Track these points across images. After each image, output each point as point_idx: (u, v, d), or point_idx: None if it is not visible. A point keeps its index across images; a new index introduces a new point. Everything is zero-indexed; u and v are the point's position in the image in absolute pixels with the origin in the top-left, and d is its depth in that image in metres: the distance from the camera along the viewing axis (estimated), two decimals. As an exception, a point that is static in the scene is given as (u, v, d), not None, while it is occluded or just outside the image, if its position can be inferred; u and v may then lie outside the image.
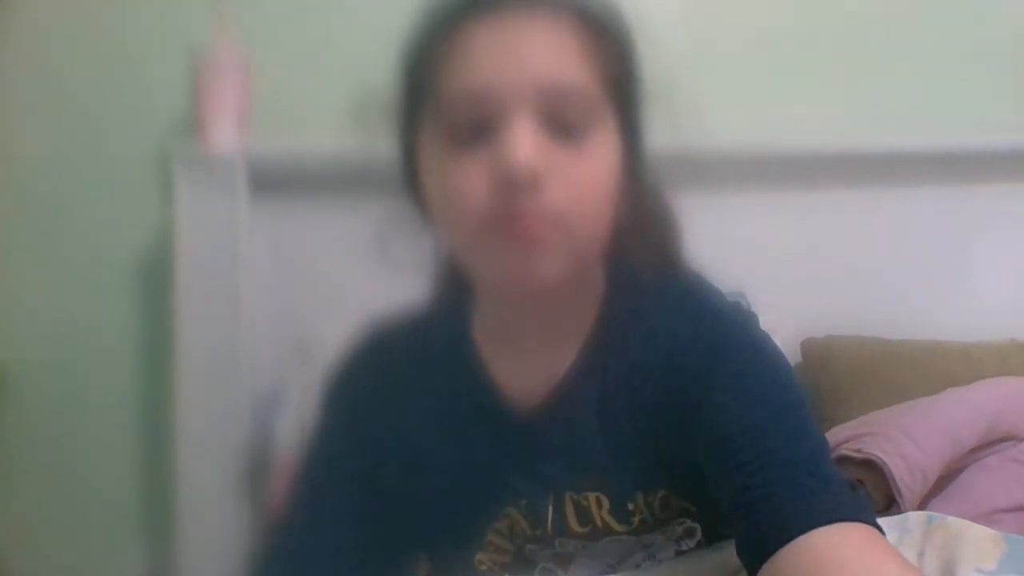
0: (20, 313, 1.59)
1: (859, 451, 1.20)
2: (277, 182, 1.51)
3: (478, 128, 0.62)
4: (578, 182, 0.63)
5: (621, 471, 0.72)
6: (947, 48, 1.84)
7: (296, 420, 1.36)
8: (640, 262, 0.74)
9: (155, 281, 1.57)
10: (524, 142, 0.60)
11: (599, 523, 0.74)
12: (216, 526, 1.41)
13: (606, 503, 0.73)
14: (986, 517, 1.09)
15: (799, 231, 1.70)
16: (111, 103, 1.59)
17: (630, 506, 0.73)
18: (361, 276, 1.45)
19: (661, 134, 0.72)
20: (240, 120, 1.49)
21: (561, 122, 0.63)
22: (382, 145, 0.73)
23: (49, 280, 1.59)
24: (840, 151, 1.70)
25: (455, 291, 0.78)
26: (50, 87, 1.59)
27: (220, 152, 1.47)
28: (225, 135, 1.47)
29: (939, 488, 1.22)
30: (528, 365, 0.74)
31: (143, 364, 1.60)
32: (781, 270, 1.63)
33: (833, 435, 1.32)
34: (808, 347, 1.65)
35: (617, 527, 0.74)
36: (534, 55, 0.62)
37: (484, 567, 0.77)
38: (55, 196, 1.59)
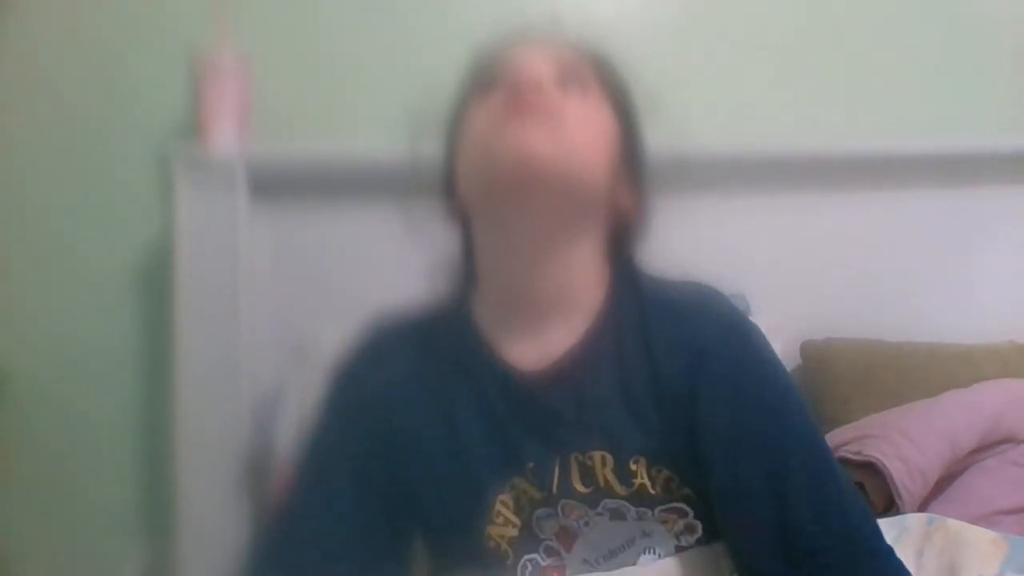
0: (20, 316, 1.59)
1: (859, 453, 1.20)
2: (277, 184, 1.51)
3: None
4: (575, 110, 0.75)
5: (629, 432, 0.76)
6: (947, 50, 1.84)
7: (296, 422, 1.36)
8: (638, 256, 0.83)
9: (155, 283, 1.57)
10: (536, 60, 0.75)
11: (601, 482, 0.76)
12: (216, 527, 1.41)
13: (610, 461, 0.76)
14: (986, 519, 1.09)
15: (798, 233, 1.70)
16: (111, 105, 1.59)
17: (632, 466, 0.76)
18: (360, 278, 1.46)
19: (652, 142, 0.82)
20: (240, 122, 1.49)
21: (566, 77, 0.76)
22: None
23: (49, 283, 1.59)
24: (840, 154, 1.70)
25: (460, 281, 0.84)
26: (49, 89, 1.59)
27: (220, 154, 1.46)
28: (225, 137, 1.47)
29: (939, 490, 1.22)
30: (532, 341, 0.79)
31: (143, 367, 1.60)
32: (780, 272, 1.63)
33: (833, 437, 1.32)
34: (807, 349, 1.65)
35: (618, 488, 0.76)
36: (550, 39, 0.80)
37: (492, 542, 0.78)
38: (55, 199, 1.59)
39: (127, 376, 1.60)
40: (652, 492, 0.76)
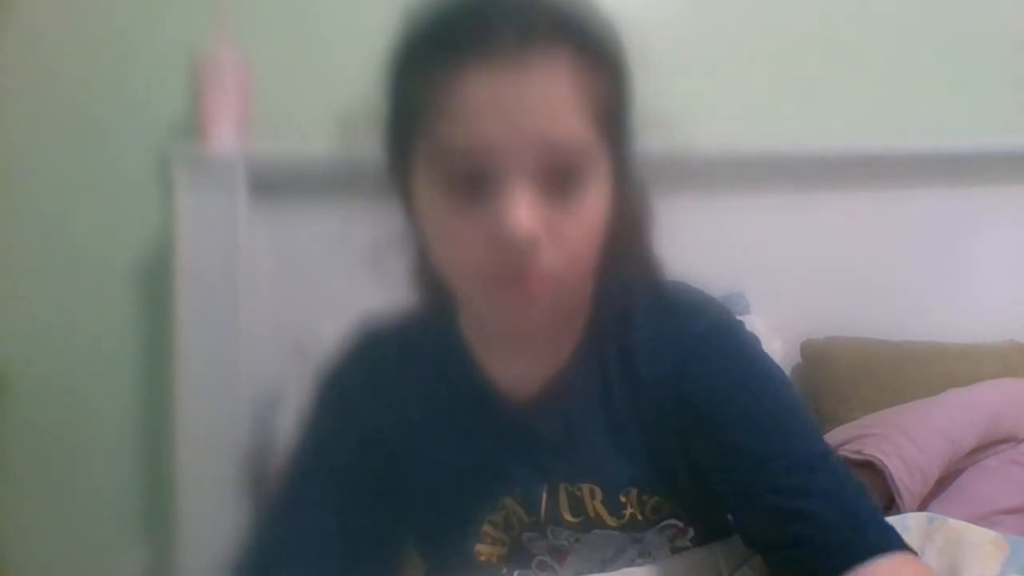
0: (21, 314, 1.59)
1: (859, 452, 1.20)
2: (277, 183, 1.50)
3: (475, 180, 0.62)
4: (571, 239, 0.64)
5: (618, 464, 0.73)
6: (947, 50, 1.84)
7: (296, 421, 1.36)
8: (623, 261, 0.75)
9: (155, 282, 1.57)
10: (523, 209, 0.61)
11: (591, 513, 0.75)
12: (216, 526, 1.41)
13: (599, 494, 0.74)
14: (986, 519, 1.09)
15: (799, 232, 1.70)
16: (111, 105, 1.59)
17: (622, 499, 0.74)
18: (360, 278, 1.46)
19: (652, 149, 0.72)
20: (240, 122, 1.49)
21: (557, 176, 0.62)
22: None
23: (50, 281, 1.59)
24: (840, 153, 1.70)
25: (441, 296, 0.77)
26: (50, 89, 1.59)
27: (220, 154, 1.46)
28: (225, 137, 1.47)
29: (939, 489, 1.22)
30: (519, 360, 0.76)
31: (143, 365, 1.60)
32: (781, 272, 1.64)
33: (833, 436, 1.32)
34: (808, 348, 1.65)
35: (608, 519, 0.74)
36: (531, 112, 0.61)
37: (483, 558, 0.77)
38: (55, 198, 1.59)
39: (127, 376, 1.61)
40: (641, 519, 0.75)
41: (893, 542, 0.63)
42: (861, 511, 0.65)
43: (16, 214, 1.59)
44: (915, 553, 0.64)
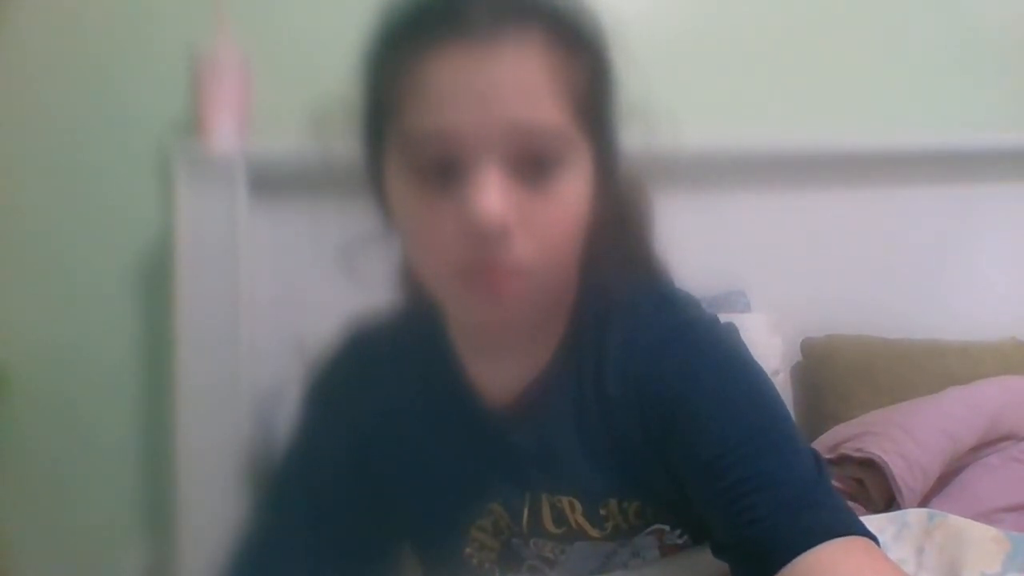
0: (20, 313, 1.59)
1: (859, 450, 1.20)
2: (277, 182, 1.50)
3: (445, 167, 0.60)
4: (546, 229, 0.62)
5: (594, 477, 0.71)
6: (945, 47, 1.84)
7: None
8: (612, 263, 0.72)
9: (155, 281, 1.57)
10: (492, 194, 0.58)
11: (573, 525, 0.73)
12: (217, 526, 1.40)
13: (579, 507, 0.73)
14: (986, 516, 1.09)
15: (800, 230, 1.70)
16: (111, 103, 1.58)
17: (602, 512, 0.72)
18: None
19: (637, 144, 0.69)
20: (240, 120, 1.49)
21: (530, 162, 0.60)
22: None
23: (49, 280, 1.59)
24: (841, 150, 1.70)
25: (427, 296, 0.75)
26: (49, 88, 1.58)
27: (220, 152, 1.46)
28: (225, 135, 1.47)
29: (940, 487, 1.22)
30: (503, 365, 0.73)
31: (143, 364, 1.60)
32: (781, 269, 1.64)
33: (833, 434, 1.32)
34: (808, 346, 1.65)
35: (591, 531, 0.73)
36: (502, 94, 0.59)
37: (474, 561, 0.77)
38: (54, 198, 1.59)
39: (127, 375, 1.60)
40: (626, 526, 0.73)
41: (849, 526, 0.59)
42: (811, 495, 0.61)
43: (16, 213, 1.59)
44: (874, 539, 0.60)
